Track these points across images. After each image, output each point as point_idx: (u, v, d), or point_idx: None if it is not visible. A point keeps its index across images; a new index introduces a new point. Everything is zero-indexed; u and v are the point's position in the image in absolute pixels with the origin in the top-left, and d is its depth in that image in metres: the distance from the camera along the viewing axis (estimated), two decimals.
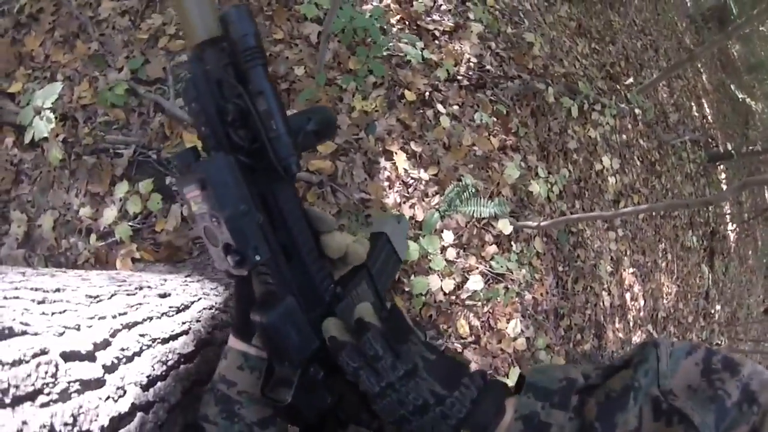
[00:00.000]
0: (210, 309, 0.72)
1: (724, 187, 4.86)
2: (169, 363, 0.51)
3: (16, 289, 0.44)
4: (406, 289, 1.76)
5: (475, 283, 1.80)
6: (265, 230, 0.37)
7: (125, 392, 0.42)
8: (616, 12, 3.74)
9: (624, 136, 2.99)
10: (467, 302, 1.88)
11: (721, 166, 4.93)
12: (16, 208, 1.52)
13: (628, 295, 2.83)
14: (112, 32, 1.72)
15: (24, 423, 0.30)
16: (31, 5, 1.70)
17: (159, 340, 0.52)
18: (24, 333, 0.35)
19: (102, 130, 1.58)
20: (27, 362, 0.32)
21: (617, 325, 2.69)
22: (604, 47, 3.27)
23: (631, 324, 2.85)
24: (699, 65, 5.26)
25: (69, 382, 0.35)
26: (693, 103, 4.62)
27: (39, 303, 0.43)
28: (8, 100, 1.57)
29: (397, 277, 1.76)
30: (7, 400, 0.29)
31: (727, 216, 4.96)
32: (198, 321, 0.65)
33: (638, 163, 3.09)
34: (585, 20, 3.25)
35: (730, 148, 4.71)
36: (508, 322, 1.97)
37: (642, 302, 2.97)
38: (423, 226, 1.74)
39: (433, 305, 1.82)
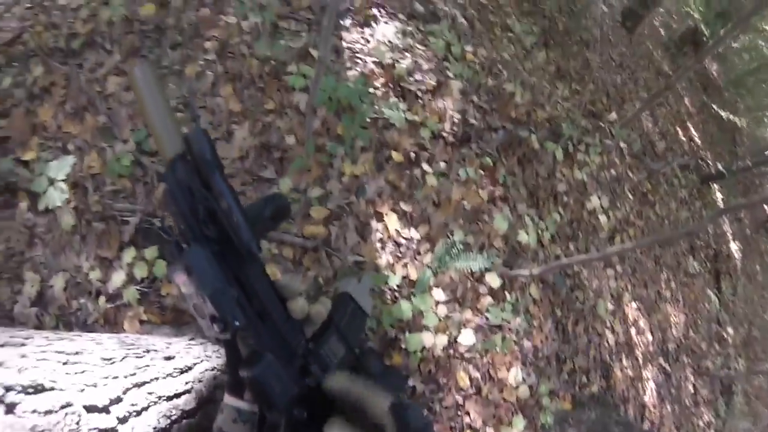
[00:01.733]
0: (212, 370, 0.79)
1: (722, 205, 4.86)
2: (173, 418, 0.59)
3: (44, 352, 0.54)
4: (403, 346, 1.76)
5: (469, 337, 1.81)
6: (241, 302, 0.46)
7: None
8: (593, 50, 3.91)
9: (613, 171, 3.06)
10: (465, 354, 1.87)
11: (715, 185, 4.96)
12: (30, 269, 1.57)
13: (633, 331, 2.79)
14: (117, 106, 1.81)
15: None
16: (43, 78, 1.80)
17: (164, 398, 0.60)
18: (52, 389, 0.45)
19: (110, 198, 1.65)
20: (56, 412, 0.42)
21: (625, 363, 2.64)
22: (585, 86, 3.40)
23: (641, 360, 2.79)
24: (680, 90, 5.41)
25: (89, 430, 0.44)
26: (678, 128, 4.72)
27: (63, 364, 0.52)
28: (23, 168, 1.64)
29: (394, 335, 1.77)
30: None
31: (729, 234, 4.93)
32: (200, 381, 0.72)
33: (630, 196, 3.14)
34: (563, 63, 3.39)
35: (720, 167, 4.76)
36: (508, 371, 1.95)
37: (650, 336, 2.92)
38: (416, 284, 1.76)
39: (431, 360, 1.82)
